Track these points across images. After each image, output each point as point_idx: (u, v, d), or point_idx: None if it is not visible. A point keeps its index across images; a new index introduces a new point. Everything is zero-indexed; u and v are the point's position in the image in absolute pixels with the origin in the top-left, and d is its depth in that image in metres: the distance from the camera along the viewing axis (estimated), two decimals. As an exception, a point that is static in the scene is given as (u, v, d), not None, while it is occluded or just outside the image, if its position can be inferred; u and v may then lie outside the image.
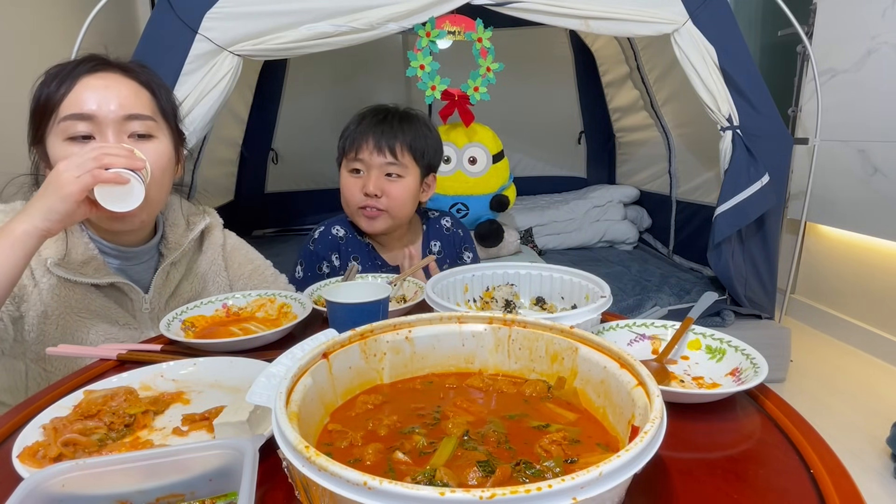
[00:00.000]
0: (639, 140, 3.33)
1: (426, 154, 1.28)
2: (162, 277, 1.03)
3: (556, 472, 0.45)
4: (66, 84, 0.87)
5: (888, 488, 1.66)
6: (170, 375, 0.75)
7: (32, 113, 0.90)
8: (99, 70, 0.90)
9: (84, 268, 0.94)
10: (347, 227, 1.34)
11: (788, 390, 2.23)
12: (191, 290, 1.08)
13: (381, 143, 1.23)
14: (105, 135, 0.88)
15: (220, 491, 0.48)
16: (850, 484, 0.51)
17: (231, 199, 3.36)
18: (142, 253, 1.02)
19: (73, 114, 0.86)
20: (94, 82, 0.88)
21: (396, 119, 1.26)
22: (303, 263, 1.33)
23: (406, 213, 1.29)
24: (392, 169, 1.24)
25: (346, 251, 1.32)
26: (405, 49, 3.22)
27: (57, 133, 0.87)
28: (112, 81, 0.90)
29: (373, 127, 1.24)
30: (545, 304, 0.98)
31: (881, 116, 2.34)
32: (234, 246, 1.19)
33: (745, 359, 0.73)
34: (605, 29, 1.97)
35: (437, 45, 1.98)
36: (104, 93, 0.88)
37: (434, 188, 1.36)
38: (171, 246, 1.05)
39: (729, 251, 2.15)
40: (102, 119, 0.87)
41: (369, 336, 0.60)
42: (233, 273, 1.16)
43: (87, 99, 0.87)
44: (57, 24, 2.20)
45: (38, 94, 0.89)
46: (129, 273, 1.01)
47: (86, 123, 0.87)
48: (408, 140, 1.24)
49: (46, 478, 0.44)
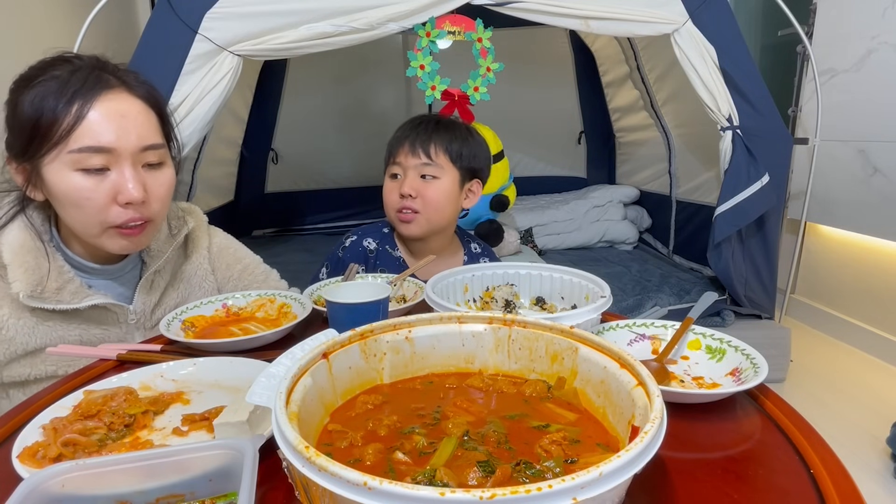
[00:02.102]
0: (639, 140, 3.33)
1: (464, 156, 1.26)
2: (146, 287, 1.00)
3: (556, 473, 0.45)
4: (77, 107, 0.81)
5: (888, 488, 1.66)
6: (170, 375, 0.75)
7: (25, 129, 0.82)
8: (107, 89, 0.84)
9: (60, 294, 0.88)
10: (381, 240, 1.32)
11: (788, 390, 2.23)
12: (177, 296, 1.05)
13: (415, 144, 1.23)
14: (121, 168, 0.85)
15: (220, 491, 0.48)
16: (850, 484, 0.51)
17: (231, 199, 3.36)
18: (125, 265, 0.99)
19: (91, 146, 0.81)
20: (109, 108, 0.83)
21: (433, 123, 1.27)
22: (328, 267, 1.32)
23: (442, 217, 1.26)
24: (427, 170, 1.23)
25: (374, 264, 1.30)
26: (405, 49, 3.22)
27: (65, 162, 0.82)
28: (125, 106, 0.85)
29: (409, 131, 1.25)
30: (545, 304, 0.98)
31: (881, 116, 2.34)
32: (220, 246, 1.15)
33: (745, 359, 0.73)
34: (605, 29, 1.97)
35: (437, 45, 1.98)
36: (121, 122, 0.84)
37: (479, 195, 1.33)
38: (153, 254, 1.01)
39: (729, 251, 2.15)
40: (122, 152, 0.84)
41: (369, 336, 0.60)
42: (221, 276, 1.13)
43: (104, 130, 0.82)
44: (57, 24, 2.19)
45: (33, 108, 0.81)
46: (111, 287, 0.98)
47: (102, 156, 0.83)
48: (443, 142, 1.24)
49: (46, 478, 0.44)
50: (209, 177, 2.86)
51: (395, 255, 1.32)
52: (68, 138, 0.81)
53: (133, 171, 0.86)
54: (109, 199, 0.85)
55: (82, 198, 0.83)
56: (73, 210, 0.85)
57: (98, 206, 0.84)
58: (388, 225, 1.35)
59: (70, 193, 0.83)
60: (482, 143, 1.33)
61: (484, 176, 1.33)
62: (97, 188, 0.84)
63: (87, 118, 0.82)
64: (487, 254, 1.41)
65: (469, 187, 1.30)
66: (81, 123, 0.81)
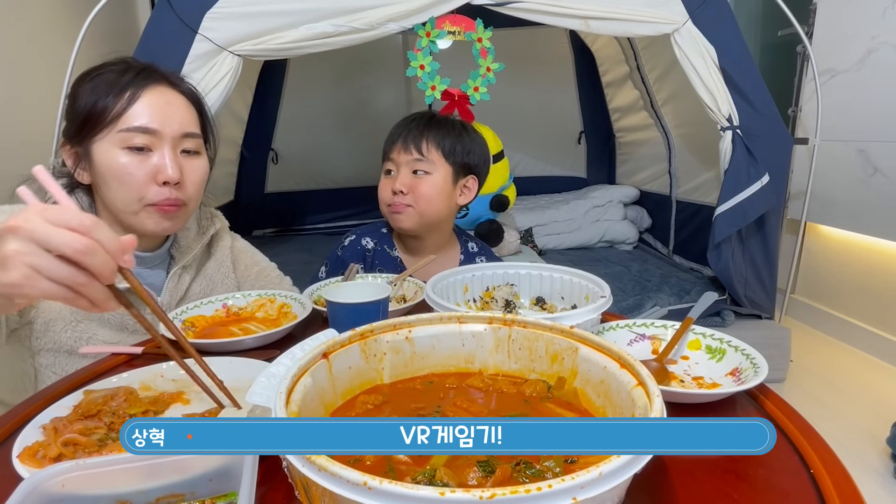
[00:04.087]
0: (639, 140, 3.33)
1: (457, 152, 1.26)
2: (175, 281, 1.04)
3: (556, 472, 0.45)
4: (128, 95, 0.91)
5: (888, 488, 1.66)
6: (170, 375, 0.74)
7: (79, 115, 0.92)
8: (156, 83, 0.95)
9: None
10: (379, 239, 1.33)
11: (788, 390, 2.23)
12: (200, 292, 1.09)
13: (407, 141, 1.24)
14: (162, 149, 0.92)
15: (220, 491, 0.48)
16: (850, 484, 0.51)
17: (231, 199, 3.36)
18: (155, 257, 1.04)
19: (138, 126, 0.90)
20: (156, 97, 0.93)
21: (426, 120, 1.27)
22: (327, 265, 1.33)
23: (435, 212, 1.26)
24: (419, 166, 1.24)
25: (372, 263, 1.31)
26: (405, 49, 3.22)
27: (113, 141, 0.90)
28: (172, 98, 0.96)
29: (402, 128, 1.27)
30: (545, 304, 0.98)
31: (881, 116, 2.34)
32: (240, 248, 1.21)
33: (745, 359, 0.73)
34: (605, 29, 1.97)
35: (437, 45, 1.98)
36: (167, 109, 0.94)
37: (475, 192, 1.33)
38: (182, 250, 1.07)
39: (729, 251, 2.15)
40: (164, 135, 0.93)
41: (369, 336, 0.60)
42: (240, 275, 1.18)
43: (152, 114, 0.92)
44: (57, 24, 2.19)
45: (89, 98, 0.91)
46: (142, 277, 1.02)
47: (146, 136, 0.91)
48: (435, 137, 1.24)
49: (46, 478, 0.44)
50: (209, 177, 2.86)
51: (394, 254, 1.32)
52: (118, 120, 0.90)
53: (172, 154, 0.93)
54: (150, 177, 0.92)
55: (125, 173, 0.91)
56: (116, 186, 0.92)
57: (139, 183, 0.92)
58: (387, 225, 1.35)
59: (115, 168, 0.91)
60: (478, 140, 1.32)
61: (480, 172, 1.33)
62: (140, 166, 0.91)
63: (136, 104, 0.91)
64: (485, 253, 1.41)
65: (464, 183, 1.30)
66: (131, 108, 0.91)
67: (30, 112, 1.91)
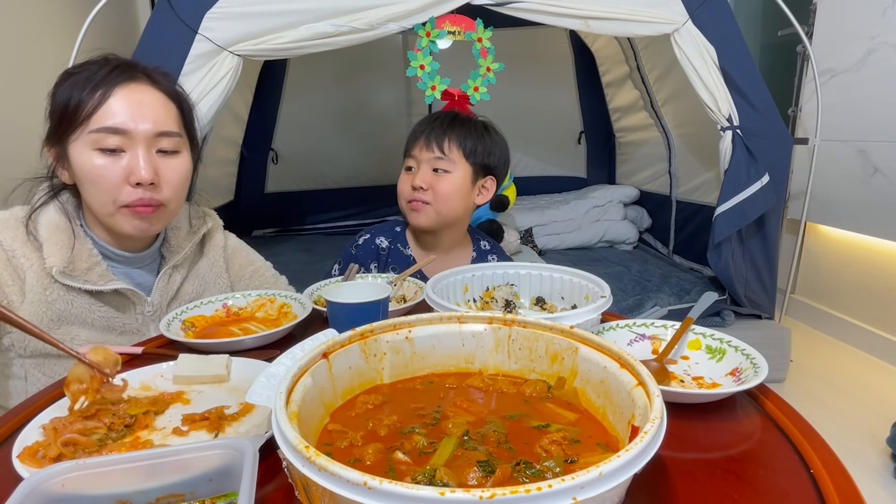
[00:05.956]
0: (639, 140, 3.33)
1: (478, 152, 1.27)
2: (164, 280, 1.04)
3: (556, 472, 0.45)
4: (100, 93, 0.88)
5: (888, 488, 1.66)
6: (170, 375, 0.75)
7: (56, 113, 0.90)
8: (131, 80, 0.91)
9: (88, 274, 0.94)
10: (393, 238, 1.34)
11: (788, 390, 2.23)
12: (192, 292, 1.09)
13: (430, 139, 1.25)
14: (135, 150, 0.90)
15: (220, 491, 0.48)
16: (850, 484, 0.51)
17: (231, 199, 3.36)
18: (145, 257, 1.03)
19: (107, 127, 0.88)
20: (129, 96, 0.90)
21: (449, 119, 1.28)
22: (341, 263, 1.33)
23: (452, 210, 1.26)
24: (439, 164, 1.25)
25: (386, 262, 1.32)
26: (405, 49, 3.22)
27: (86, 142, 0.88)
28: (145, 96, 0.92)
29: (426, 126, 1.27)
30: (545, 304, 0.98)
31: (881, 116, 2.33)
32: (234, 248, 1.19)
33: (745, 359, 0.73)
34: (605, 29, 1.97)
35: (437, 45, 1.98)
36: (139, 109, 0.90)
37: (493, 192, 1.33)
38: (173, 249, 1.06)
39: (729, 251, 2.15)
40: (135, 135, 0.90)
41: (369, 336, 0.60)
42: (234, 275, 1.17)
43: (122, 113, 0.89)
44: (57, 24, 2.19)
45: (64, 95, 0.89)
46: (131, 277, 1.02)
47: (118, 137, 0.89)
48: (457, 137, 1.25)
49: (46, 478, 0.44)
50: (209, 177, 2.86)
51: (407, 253, 1.33)
52: (89, 120, 0.88)
53: (146, 154, 0.90)
54: (122, 178, 0.90)
55: (97, 175, 0.89)
56: (90, 188, 0.91)
57: (111, 185, 0.90)
58: (401, 223, 1.36)
59: (88, 171, 0.89)
60: (500, 142, 1.33)
61: (499, 173, 1.33)
62: (111, 167, 0.89)
63: (107, 102, 0.88)
64: (496, 251, 1.42)
65: (483, 184, 1.31)
66: (102, 107, 0.88)
67: (30, 112, 1.91)
